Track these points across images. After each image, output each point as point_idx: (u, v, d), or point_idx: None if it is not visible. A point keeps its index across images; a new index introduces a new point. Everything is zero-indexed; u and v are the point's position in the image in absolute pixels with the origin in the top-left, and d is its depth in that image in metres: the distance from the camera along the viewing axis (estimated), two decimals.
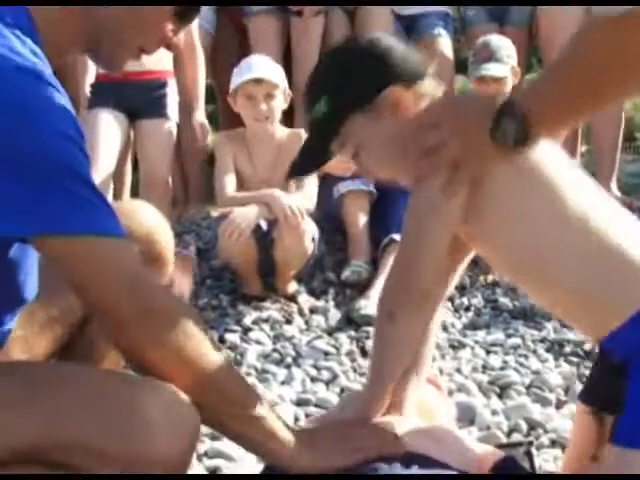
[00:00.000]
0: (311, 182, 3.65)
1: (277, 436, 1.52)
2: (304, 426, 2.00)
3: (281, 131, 3.77)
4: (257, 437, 1.52)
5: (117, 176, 4.28)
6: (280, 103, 3.70)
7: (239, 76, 3.69)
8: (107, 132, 4.11)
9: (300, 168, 1.84)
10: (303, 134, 3.67)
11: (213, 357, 1.46)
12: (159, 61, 4.20)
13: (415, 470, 1.54)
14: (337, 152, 1.74)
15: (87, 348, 1.80)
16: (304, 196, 3.60)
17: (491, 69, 3.97)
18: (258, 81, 3.62)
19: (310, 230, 3.55)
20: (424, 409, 1.84)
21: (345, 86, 1.71)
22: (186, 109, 4.57)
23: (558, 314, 1.83)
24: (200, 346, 1.45)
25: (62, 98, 1.38)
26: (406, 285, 1.64)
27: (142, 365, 1.45)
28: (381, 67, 1.70)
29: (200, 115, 4.38)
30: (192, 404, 1.45)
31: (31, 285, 1.57)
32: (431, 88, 1.73)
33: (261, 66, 3.70)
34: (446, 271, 1.78)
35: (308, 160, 1.81)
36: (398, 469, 1.54)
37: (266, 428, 1.51)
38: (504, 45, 4.09)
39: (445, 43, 4.94)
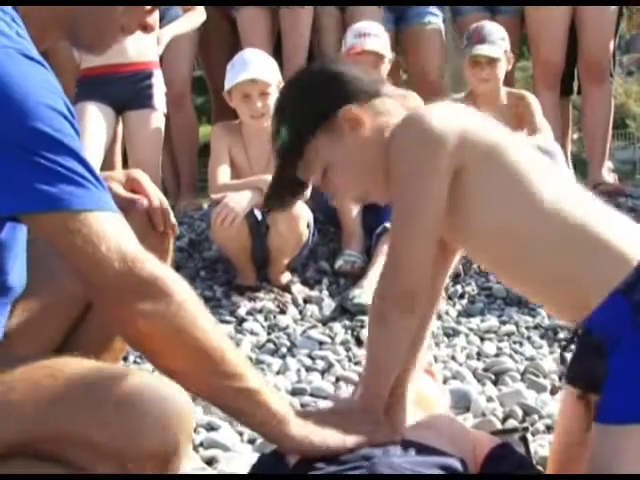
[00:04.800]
0: None
1: (270, 409, 1.52)
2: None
3: None
4: (249, 409, 1.52)
5: (107, 168, 4.27)
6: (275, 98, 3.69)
7: (233, 74, 3.68)
8: (94, 125, 4.10)
9: (273, 200, 1.89)
10: None
11: (207, 328, 1.46)
12: (143, 52, 4.20)
13: (412, 455, 1.55)
14: (305, 177, 1.77)
15: (88, 338, 1.80)
16: None
17: (484, 49, 3.99)
18: (253, 80, 3.62)
19: (305, 216, 3.54)
20: (419, 397, 1.85)
21: (301, 112, 1.75)
22: (176, 101, 4.57)
23: (539, 302, 1.86)
24: (194, 316, 1.45)
25: (50, 76, 1.38)
26: (393, 286, 1.67)
27: (138, 338, 1.45)
28: (333, 88, 1.75)
29: None
30: (186, 395, 1.45)
31: (20, 272, 1.56)
32: (387, 105, 1.76)
33: (255, 64, 3.69)
34: (435, 274, 1.80)
35: (279, 191, 1.85)
36: (394, 456, 1.55)
37: (259, 401, 1.51)
38: (497, 30, 4.12)
39: (435, 31, 4.94)
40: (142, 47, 4.17)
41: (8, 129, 1.31)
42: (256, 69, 3.66)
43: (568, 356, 1.80)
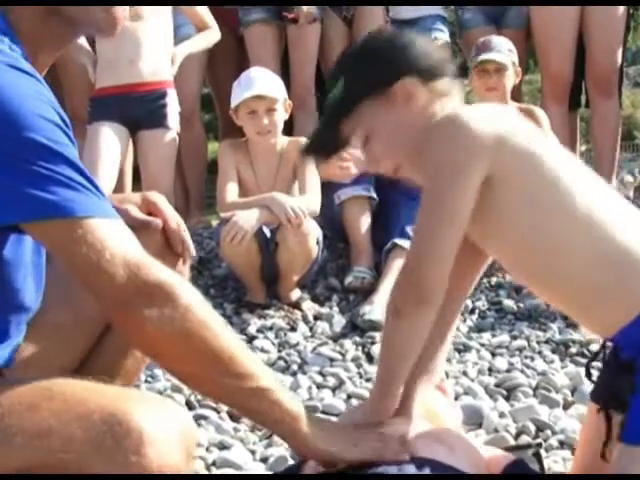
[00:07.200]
0: (315, 185, 3.66)
1: (282, 407, 1.53)
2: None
3: (282, 140, 3.78)
4: (262, 408, 1.52)
5: (117, 187, 4.28)
6: (281, 115, 3.71)
7: (239, 92, 3.69)
8: (108, 145, 4.10)
9: (310, 148, 1.89)
10: (303, 142, 3.67)
11: (215, 329, 1.46)
12: (157, 72, 4.20)
13: (426, 473, 1.55)
14: (348, 135, 1.77)
15: (103, 362, 1.80)
16: (307, 199, 3.60)
17: (492, 55, 4.00)
18: (259, 97, 3.63)
19: (314, 232, 3.55)
20: (431, 414, 1.85)
21: (362, 70, 1.75)
22: (185, 118, 4.57)
23: (568, 313, 1.85)
24: (202, 318, 1.45)
25: (41, 87, 1.39)
26: (411, 281, 1.66)
27: (147, 343, 1.46)
28: (400, 57, 1.75)
29: None
30: (189, 415, 1.44)
31: (33, 291, 1.56)
32: (447, 88, 1.76)
33: (261, 81, 3.70)
34: (462, 277, 1.79)
35: (318, 141, 1.85)
36: (409, 471, 1.55)
37: (272, 399, 1.52)
38: (504, 42, 4.13)
39: (441, 47, 4.94)
40: (156, 67, 4.18)
41: (2, 140, 1.32)
42: (262, 86, 3.67)
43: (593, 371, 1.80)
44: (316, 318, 3.54)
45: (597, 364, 1.84)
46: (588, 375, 1.84)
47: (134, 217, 1.76)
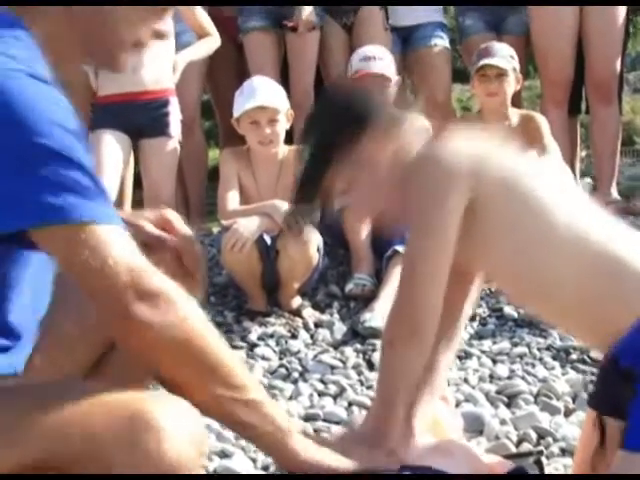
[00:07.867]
0: None
1: (274, 421, 1.53)
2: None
3: (283, 149, 3.78)
4: (254, 421, 1.52)
5: (118, 195, 4.28)
6: (283, 125, 3.71)
7: (242, 102, 3.70)
8: (110, 153, 4.11)
9: (294, 216, 1.94)
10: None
11: (212, 340, 1.47)
12: (160, 80, 4.20)
13: None
14: (326, 196, 1.81)
15: (116, 368, 1.81)
16: None
17: (493, 60, 4.01)
18: (261, 107, 3.64)
19: (315, 240, 3.55)
20: (433, 422, 1.85)
21: (324, 136, 1.80)
22: (186, 125, 4.58)
23: (562, 327, 1.87)
24: (199, 328, 1.46)
25: (57, 93, 1.40)
26: (402, 318, 1.69)
27: (143, 349, 1.46)
28: (358, 115, 1.79)
29: None
30: (198, 413, 1.45)
31: (42, 296, 1.57)
32: (411, 130, 1.80)
33: (263, 91, 3.70)
34: (456, 299, 1.81)
35: (301, 207, 1.92)
36: None
37: (264, 413, 1.52)
38: (506, 48, 4.15)
39: (441, 53, 4.96)
40: (159, 75, 4.19)
41: (15, 145, 1.33)
42: (265, 96, 3.67)
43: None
44: (317, 325, 3.53)
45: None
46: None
47: (148, 233, 1.78)
